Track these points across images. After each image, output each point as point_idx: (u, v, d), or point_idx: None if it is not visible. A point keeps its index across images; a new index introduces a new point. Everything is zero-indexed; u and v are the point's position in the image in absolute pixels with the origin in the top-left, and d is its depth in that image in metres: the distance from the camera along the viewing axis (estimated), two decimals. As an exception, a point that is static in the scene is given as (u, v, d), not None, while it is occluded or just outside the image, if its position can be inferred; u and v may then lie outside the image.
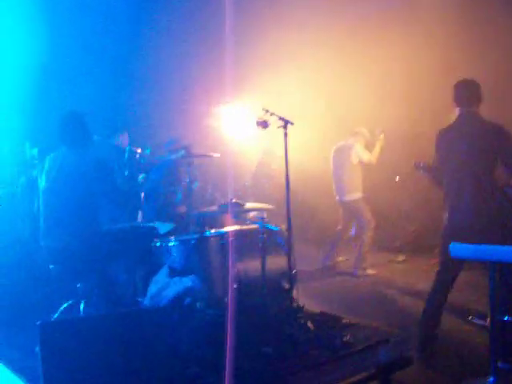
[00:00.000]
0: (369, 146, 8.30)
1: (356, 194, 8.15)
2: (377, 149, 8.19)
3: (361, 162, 8.14)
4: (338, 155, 8.36)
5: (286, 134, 5.20)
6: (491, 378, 4.05)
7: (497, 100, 6.88)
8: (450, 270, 4.66)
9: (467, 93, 4.67)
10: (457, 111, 4.73)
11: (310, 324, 5.02)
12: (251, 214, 6.78)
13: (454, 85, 4.77)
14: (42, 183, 4.98)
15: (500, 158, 4.51)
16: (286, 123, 5.18)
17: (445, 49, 8.11)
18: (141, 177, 6.02)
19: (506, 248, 3.90)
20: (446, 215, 4.75)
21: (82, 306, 4.72)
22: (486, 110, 4.73)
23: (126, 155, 5.94)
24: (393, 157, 8.98)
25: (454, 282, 4.69)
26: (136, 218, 5.95)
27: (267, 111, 5.24)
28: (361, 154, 8.09)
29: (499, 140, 4.49)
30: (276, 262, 5.24)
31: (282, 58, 8.93)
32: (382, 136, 8.22)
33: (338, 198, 8.36)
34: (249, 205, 5.67)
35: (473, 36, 8.21)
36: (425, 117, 8.86)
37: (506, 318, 4.28)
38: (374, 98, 8.69)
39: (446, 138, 4.74)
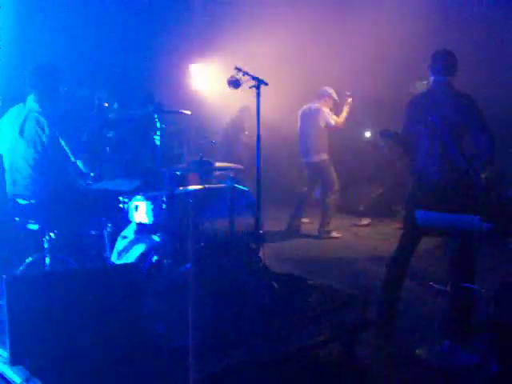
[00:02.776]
0: (335, 108, 8.34)
1: (322, 156, 8.22)
2: (344, 113, 8.27)
3: (328, 126, 8.18)
4: (305, 117, 8.39)
5: (258, 94, 5.14)
6: (447, 342, 4.21)
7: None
8: (413, 235, 4.73)
9: (443, 62, 4.65)
10: (431, 80, 4.74)
11: (275, 285, 5.08)
12: (217, 173, 6.76)
13: (432, 54, 4.75)
14: (7, 137, 4.84)
15: (469, 129, 4.57)
16: (259, 83, 5.13)
17: (413, 25, 8.12)
18: (110, 134, 5.93)
19: (468, 217, 4.01)
20: (411, 182, 4.81)
21: (47, 261, 4.67)
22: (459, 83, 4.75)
23: (96, 109, 5.83)
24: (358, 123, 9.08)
25: (416, 247, 4.74)
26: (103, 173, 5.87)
27: (240, 70, 5.15)
28: (328, 118, 8.13)
29: (470, 112, 4.54)
30: (244, 222, 5.23)
31: (256, 19, 8.84)
32: (349, 100, 8.27)
33: (303, 159, 8.42)
34: (219, 164, 5.65)
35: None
36: (389, 87, 8.98)
37: (465, 285, 4.38)
38: (344, 63, 8.71)
39: (418, 105, 4.72)
